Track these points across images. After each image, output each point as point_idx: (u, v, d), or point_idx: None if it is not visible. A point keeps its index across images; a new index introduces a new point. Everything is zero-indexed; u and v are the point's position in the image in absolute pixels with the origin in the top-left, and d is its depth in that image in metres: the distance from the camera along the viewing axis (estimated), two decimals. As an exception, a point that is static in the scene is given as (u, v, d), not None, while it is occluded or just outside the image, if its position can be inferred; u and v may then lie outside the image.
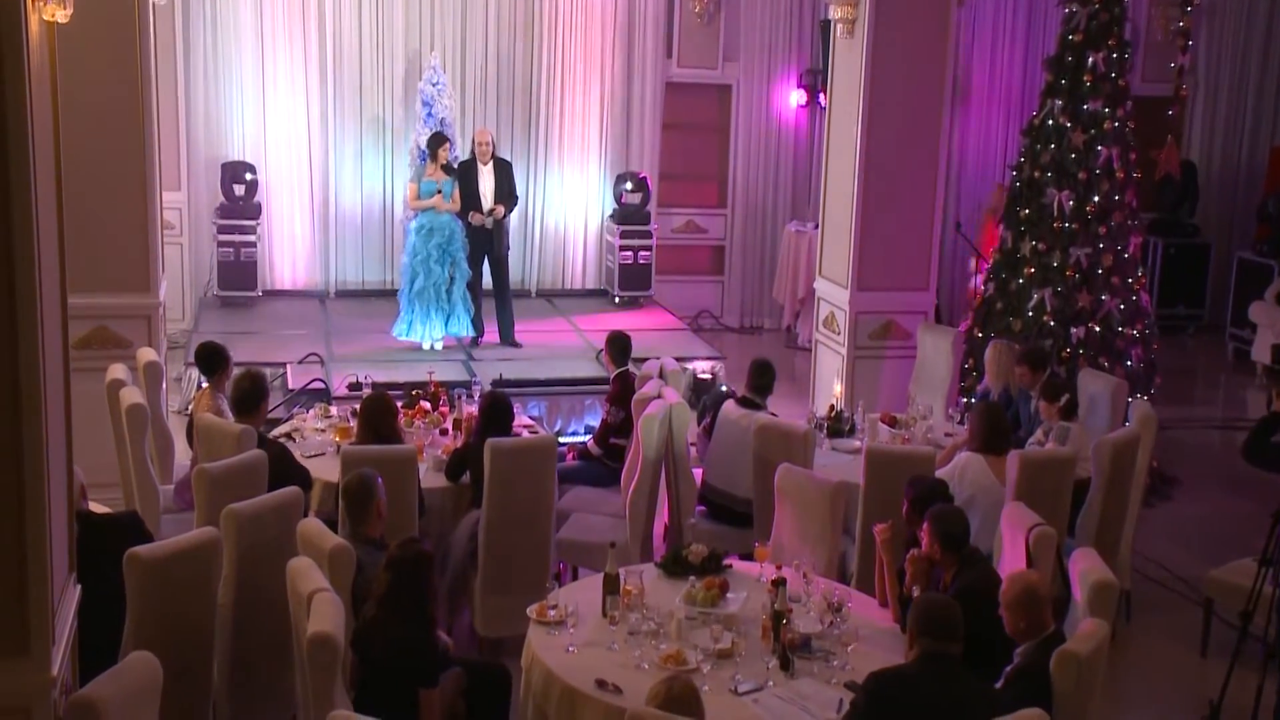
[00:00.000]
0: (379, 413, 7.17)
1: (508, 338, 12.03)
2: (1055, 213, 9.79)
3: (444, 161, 11.44)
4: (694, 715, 4.38)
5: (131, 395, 7.53)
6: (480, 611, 7.07)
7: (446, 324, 11.69)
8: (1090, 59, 9.73)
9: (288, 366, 10.93)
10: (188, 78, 13.06)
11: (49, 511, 4.20)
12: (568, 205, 14.28)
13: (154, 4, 8.86)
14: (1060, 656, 4.84)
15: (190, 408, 8.96)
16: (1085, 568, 5.58)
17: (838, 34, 10.10)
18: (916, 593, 5.58)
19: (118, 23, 8.38)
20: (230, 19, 13.15)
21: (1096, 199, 9.73)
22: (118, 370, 7.93)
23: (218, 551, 5.60)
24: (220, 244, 12.90)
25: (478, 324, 11.95)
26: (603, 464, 8.32)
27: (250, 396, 7.25)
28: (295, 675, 6.03)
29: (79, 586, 4.88)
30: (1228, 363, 14.47)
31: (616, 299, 13.78)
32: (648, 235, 13.84)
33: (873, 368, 10.08)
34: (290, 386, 10.52)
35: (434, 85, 13.06)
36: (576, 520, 7.77)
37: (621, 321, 12.27)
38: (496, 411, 7.40)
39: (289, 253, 13.73)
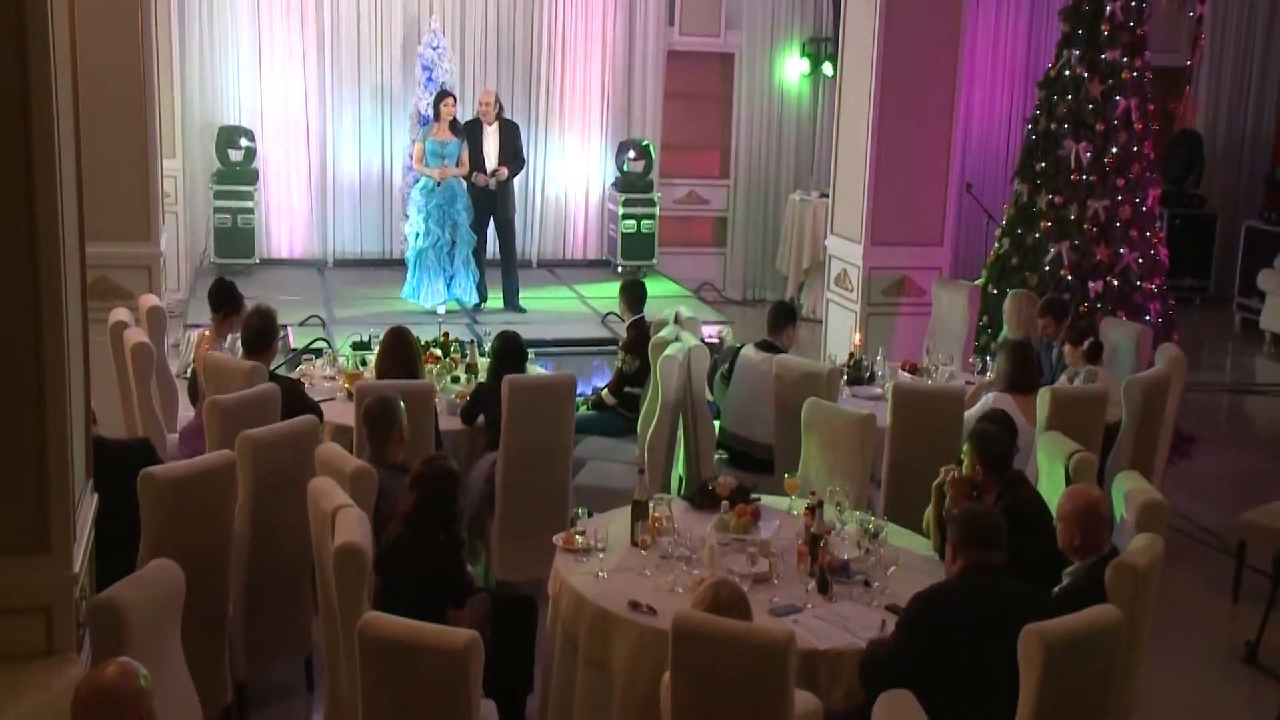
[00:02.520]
0: (404, 342, 7.01)
1: (512, 303, 11.86)
2: (1072, 165, 9.63)
3: (450, 118, 11.27)
4: (743, 619, 4.20)
5: (136, 335, 7.33)
6: (498, 555, 6.89)
7: (449, 287, 11.56)
8: (1108, 8, 9.57)
9: (289, 328, 10.72)
10: (183, 43, 12.81)
11: (69, 404, 4.01)
12: (568, 174, 14.09)
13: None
14: (1116, 568, 4.67)
15: (190, 370, 8.75)
16: (1132, 488, 5.43)
17: (850, -14, 9.95)
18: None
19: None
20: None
21: (1115, 150, 9.57)
22: (120, 314, 7.73)
23: (233, 475, 5.41)
24: (217, 210, 12.69)
25: (481, 289, 11.80)
26: (618, 414, 8.12)
27: (262, 334, 7.07)
28: (309, 613, 5.89)
29: (95, 496, 4.68)
30: (1235, 333, 14.33)
31: (619, 269, 13.57)
32: (651, 204, 13.65)
33: (886, 325, 9.89)
34: (292, 347, 10.32)
35: (434, 49, 12.88)
36: (593, 467, 7.59)
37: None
38: (509, 350, 7.23)
39: (286, 221, 13.54)
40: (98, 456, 5.09)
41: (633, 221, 13.58)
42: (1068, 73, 9.76)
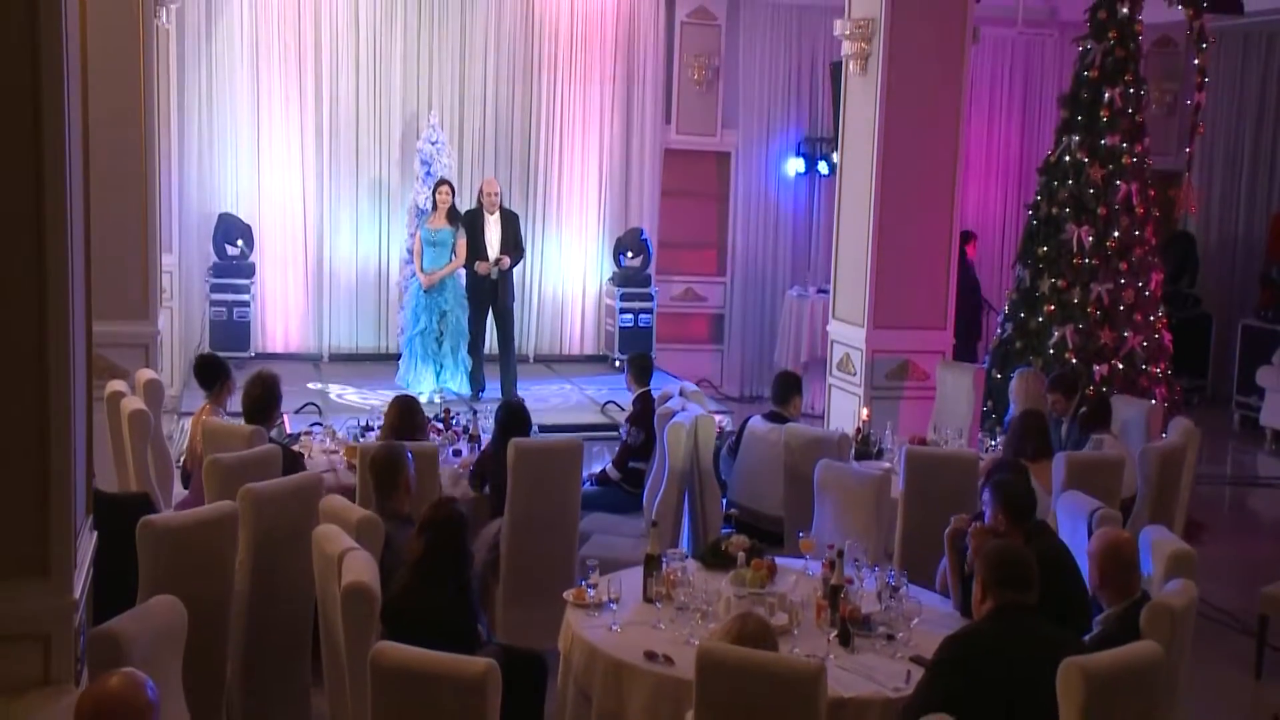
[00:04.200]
0: (411, 408, 6.90)
1: (510, 392, 11.74)
2: (1075, 248, 9.62)
3: (446, 205, 11.28)
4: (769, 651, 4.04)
5: (134, 403, 7.19)
6: (502, 624, 6.69)
7: (438, 376, 11.50)
8: (1107, 94, 9.65)
9: (285, 415, 10.55)
10: (182, 137, 12.80)
11: (72, 425, 3.88)
12: (566, 269, 14.08)
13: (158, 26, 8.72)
14: (1152, 609, 4.53)
15: (183, 458, 8.60)
16: (1158, 539, 5.32)
17: (850, 72, 9.97)
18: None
19: (121, 35, 8.26)
20: (226, 79, 12.98)
21: (1117, 234, 9.58)
22: (117, 384, 7.60)
23: (234, 527, 5.25)
24: (213, 303, 12.62)
25: (476, 380, 11.72)
26: (621, 489, 7.98)
27: (263, 401, 6.94)
28: (309, 676, 5.69)
29: (95, 534, 4.51)
30: (1235, 431, 14.22)
31: (617, 363, 13.49)
32: (649, 298, 13.61)
33: (890, 409, 9.76)
34: (289, 432, 10.16)
35: (433, 144, 12.91)
36: (597, 540, 7.43)
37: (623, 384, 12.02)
38: (513, 418, 7.13)
39: (282, 314, 13.45)
40: (96, 509, 4.93)
41: (630, 316, 13.53)
42: (1068, 158, 9.82)
